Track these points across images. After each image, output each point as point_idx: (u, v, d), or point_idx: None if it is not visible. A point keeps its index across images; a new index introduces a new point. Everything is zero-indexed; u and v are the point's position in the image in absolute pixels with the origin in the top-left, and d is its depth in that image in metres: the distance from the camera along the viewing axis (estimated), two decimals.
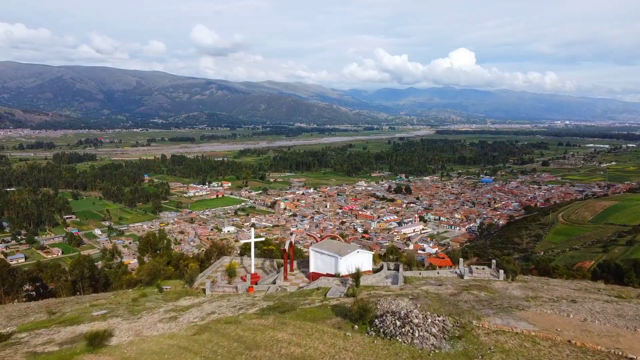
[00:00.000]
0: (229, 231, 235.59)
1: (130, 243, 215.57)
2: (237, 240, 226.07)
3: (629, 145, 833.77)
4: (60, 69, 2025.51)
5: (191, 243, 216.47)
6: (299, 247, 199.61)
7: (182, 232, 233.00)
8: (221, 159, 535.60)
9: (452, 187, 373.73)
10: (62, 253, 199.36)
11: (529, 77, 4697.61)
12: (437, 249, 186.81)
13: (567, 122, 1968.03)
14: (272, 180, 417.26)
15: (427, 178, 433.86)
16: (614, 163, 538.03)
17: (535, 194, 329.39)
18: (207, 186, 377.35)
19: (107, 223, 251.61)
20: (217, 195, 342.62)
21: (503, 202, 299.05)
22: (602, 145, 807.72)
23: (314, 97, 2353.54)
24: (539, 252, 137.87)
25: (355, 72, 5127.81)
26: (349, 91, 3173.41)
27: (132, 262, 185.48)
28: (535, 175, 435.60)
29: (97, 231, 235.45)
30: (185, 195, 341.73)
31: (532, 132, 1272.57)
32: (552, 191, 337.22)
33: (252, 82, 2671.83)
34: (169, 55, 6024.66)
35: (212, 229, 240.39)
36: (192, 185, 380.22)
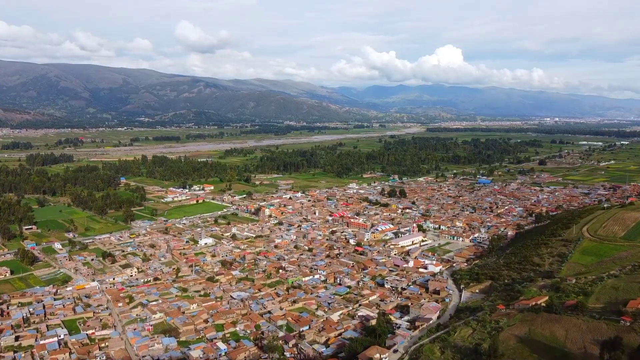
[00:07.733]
0: (206, 244, 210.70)
1: (92, 260, 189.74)
2: (214, 256, 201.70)
3: (622, 142, 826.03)
4: (45, 66, 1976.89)
5: (162, 259, 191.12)
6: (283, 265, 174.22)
7: (152, 246, 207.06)
8: (205, 159, 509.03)
9: (449, 190, 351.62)
10: (11, 273, 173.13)
11: (517, 74, 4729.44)
12: (440, 266, 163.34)
13: (557, 119, 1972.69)
14: (258, 182, 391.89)
15: (421, 179, 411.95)
16: (612, 162, 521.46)
17: (538, 197, 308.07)
18: (187, 190, 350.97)
19: (71, 235, 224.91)
20: (198, 201, 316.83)
21: (506, 207, 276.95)
22: (595, 143, 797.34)
23: (303, 95, 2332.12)
24: (569, 278, 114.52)
25: (344, 70, 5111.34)
26: (339, 89, 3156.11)
27: (87, 285, 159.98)
28: (535, 176, 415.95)
29: (57, 245, 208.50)
30: (163, 200, 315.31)
31: (524, 129, 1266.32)
32: (556, 194, 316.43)
33: (241, 80, 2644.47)
34: (156, 53, 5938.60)
35: (187, 242, 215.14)
36: (171, 189, 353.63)
